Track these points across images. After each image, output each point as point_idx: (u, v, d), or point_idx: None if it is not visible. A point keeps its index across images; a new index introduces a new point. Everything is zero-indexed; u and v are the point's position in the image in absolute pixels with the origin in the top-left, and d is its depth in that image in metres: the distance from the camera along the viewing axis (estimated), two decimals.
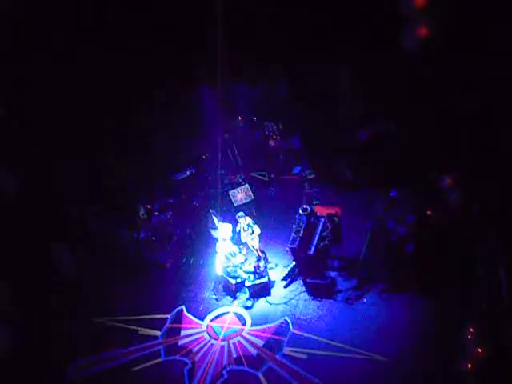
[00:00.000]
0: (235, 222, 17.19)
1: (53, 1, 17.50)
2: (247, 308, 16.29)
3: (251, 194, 19.46)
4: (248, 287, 16.55)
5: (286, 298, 16.20)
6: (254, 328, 15.62)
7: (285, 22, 18.28)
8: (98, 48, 18.18)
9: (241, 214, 17.20)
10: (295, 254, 16.06)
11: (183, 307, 16.69)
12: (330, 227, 16.48)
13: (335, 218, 16.70)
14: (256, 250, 17.04)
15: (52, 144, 18.19)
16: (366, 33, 17.18)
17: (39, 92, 17.88)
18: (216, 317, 16.30)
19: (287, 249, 16.39)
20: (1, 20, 16.51)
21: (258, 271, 16.63)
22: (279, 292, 16.48)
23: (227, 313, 16.34)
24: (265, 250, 17.33)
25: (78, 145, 18.67)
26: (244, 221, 16.98)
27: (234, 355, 15.01)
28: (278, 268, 17.21)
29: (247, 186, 19.56)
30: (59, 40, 17.83)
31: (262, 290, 16.48)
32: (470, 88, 15.49)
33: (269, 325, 15.55)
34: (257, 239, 17.00)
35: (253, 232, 16.90)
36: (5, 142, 17.02)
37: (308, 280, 16.16)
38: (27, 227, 17.06)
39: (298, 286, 16.45)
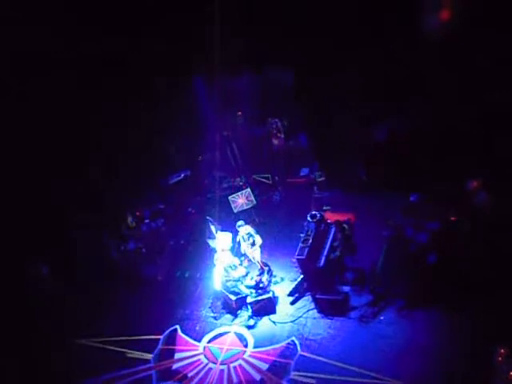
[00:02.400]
0: (235, 231, 17.20)
1: None
2: (249, 327, 16.24)
3: (253, 199, 19.43)
4: (250, 304, 16.50)
5: (292, 316, 16.13)
6: (257, 350, 15.55)
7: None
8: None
9: (240, 222, 17.21)
10: (303, 266, 16.04)
11: (177, 327, 16.66)
12: (341, 236, 16.44)
13: (348, 226, 16.65)
14: (258, 263, 17.00)
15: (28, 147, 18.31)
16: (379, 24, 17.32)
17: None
18: (214, 337, 16.25)
19: (294, 260, 16.40)
20: None
21: (261, 286, 16.58)
22: (285, 309, 16.43)
23: (227, 333, 16.30)
24: (268, 263, 17.27)
25: (57, 143, 18.78)
26: (244, 230, 16.98)
27: (235, 381, 14.93)
28: (284, 282, 17.17)
29: (248, 190, 19.54)
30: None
31: (265, 307, 16.42)
32: (501, 83, 15.54)
33: (274, 346, 15.47)
34: (258, 250, 17.01)
35: (254, 242, 16.90)
36: None
37: (318, 296, 16.12)
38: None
39: (306, 302, 16.40)
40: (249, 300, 16.52)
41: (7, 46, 17.59)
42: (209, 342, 16.14)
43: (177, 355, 15.88)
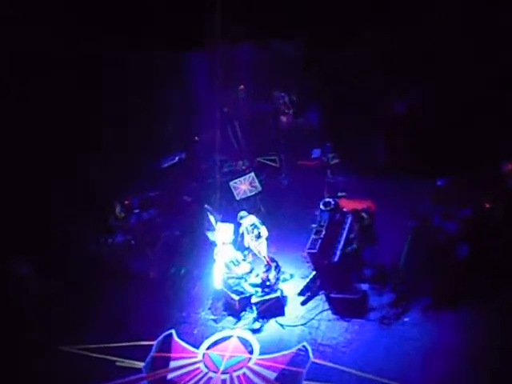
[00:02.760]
0: (238, 222, 17.25)
1: None
2: (255, 331, 16.30)
3: (257, 184, 19.54)
4: (255, 304, 16.57)
5: (304, 319, 16.19)
6: (263, 357, 15.59)
7: None
8: None
9: (243, 213, 17.26)
10: (315, 261, 16.10)
11: (172, 331, 16.75)
12: (359, 226, 16.48)
13: (366, 215, 16.64)
14: (264, 258, 17.08)
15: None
16: None
17: None
18: (215, 343, 16.32)
19: (305, 255, 16.40)
20: None
21: (267, 284, 16.67)
22: (295, 310, 16.49)
23: (229, 337, 16.37)
24: (276, 257, 17.36)
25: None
26: (248, 220, 17.02)
27: None
28: (294, 280, 17.27)
29: (253, 174, 19.66)
30: None
31: (273, 309, 16.49)
32: None
33: (283, 353, 15.49)
34: (264, 244, 17.04)
35: (259, 235, 16.93)
36: None
37: (332, 295, 16.16)
38: None
39: (319, 302, 16.46)
40: (254, 300, 16.58)
41: (7, 45, 18.25)
42: (208, 348, 16.18)
43: (172, 363, 15.94)
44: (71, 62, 19.64)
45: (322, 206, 16.66)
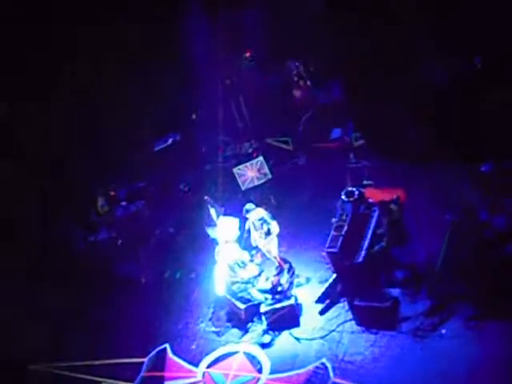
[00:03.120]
0: (244, 216, 17.18)
1: None
2: (264, 346, 16.29)
3: (267, 171, 19.54)
4: (265, 314, 16.55)
5: (323, 331, 16.14)
6: (274, 376, 15.54)
7: None
8: None
9: (250, 205, 17.17)
10: (336, 261, 16.07)
11: (167, 346, 16.80)
12: (388, 220, 16.41)
13: (396, 207, 16.61)
14: (275, 258, 17.01)
15: None
16: None
17: None
18: (217, 360, 16.33)
19: (324, 254, 16.43)
20: None
21: (279, 290, 16.65)
22: (312, 321, 16.45)
23: (234, 353, 16.37)
24: (289, 258, 17.34)
25: None
26: (256, 214, 16.93)
27: None
28: (310, 284, 17.24)
29: (261, 159, 19.60)
30: None
31: (286, 319, 16.46)
32: None
33: (298, 371, 15.45)
34: (275, 242, 16.97)
35: (269, 231, 16.83)
36: None
37: (356, 302, 16.09)
38: None
39: (340, 311, 16.41)
40: (263, 309, 16.55)
41: None
42: (209, 366, 16.20)
43: None
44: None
45: (343, 197, 16.61)
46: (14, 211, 19.34)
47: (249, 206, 17.20)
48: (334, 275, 16.59)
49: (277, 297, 16.59)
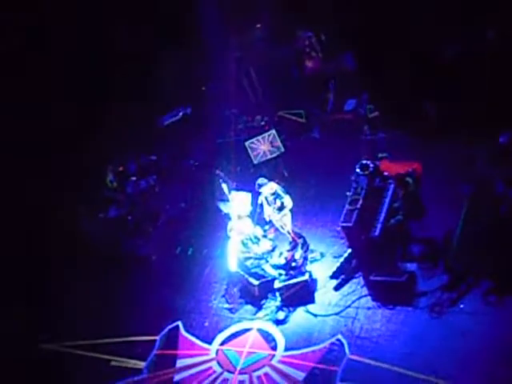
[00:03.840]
0: (257, 191, 17.08)
1: None
2: (278, 323, 16.27)
3: (280, 144, 19.46)
4: (279, 290, 16.51)
5: (338, 306, 16.12)
6: (289, 353, 15.56)
7: None
8: None
9: (263, 180, 17.04)
10: (351, 236, 16.00)
11: (179, 323, 16.83)
12: (404, 194, 16.29)
13: (413, 180, 16.44)
14: (288, 233, 16.97)
15: None
16: None
17: None
18: (231, 337, 16.36)
19: (338, 229, 16.41)
20: None
21: (293, 265, 16.67)
22: (327, 297, 16.44)
23: (248, 330, 16.39)
24: (303, 233, 17.30)
25: None
26: (268, 188, 16.83)
27: None
28: (325, 260, 17.17)
29: (273, 132, 19.54)
30: None
31: (300, 295, 16.44)
32: None
33: (313, 348, 15.45)
34: (288, 216, 16.92)
35: (282, 205, 16.77)
36: None
37: (372, 277, 16.05)
38: None
39: (356, 286, 16.38)
40: (277, 285, 16.52)
41: None
42: (223, 343, 16.22)
43: (179, 362, 15.99)
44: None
45: (358, 170, 16.49)
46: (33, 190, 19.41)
47: (261, 180, 17.08)
48: (349, 250, 16.55)
49: (291, 272, 16.60)
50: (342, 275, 16.66)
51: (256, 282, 16.73)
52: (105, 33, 20.65)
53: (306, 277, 16.47)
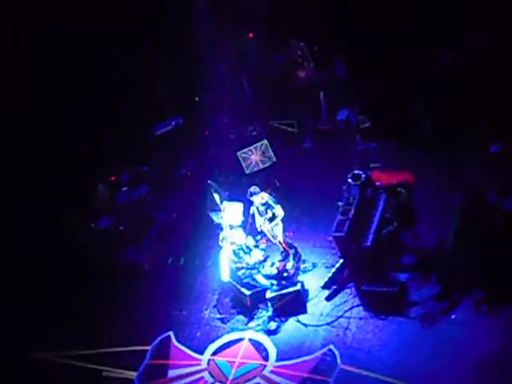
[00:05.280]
0: (248, 200, 17.09)
1: None
2: (270, 333, 16.34)
3: (271, 154, 19.58)
4: (270, 300, 16.58)
5: (329, 317, 16.19)
6: (281, 363, 15.61)
7: None
8: None
9: (255, 188, 17.08)
10: (343, 246, 16.05)
11: (171, 334, 16.85)
12: (396, 204, 16.44)
13: (404, 190, 16.61)
14: (280, 243, 17.04)
15: None
16: None
17: None
18: (222, 347, 16.39)
19: (330, 239, 16.41)
20: None
21: (285, 275, 16.70)
22: (319, 307, 16.49)
23: (239, 340, 16.44)
24: (294, 243, 17.35)
25: None
26: (260, 198, 16.88)
27: None
28: (317, 270, 17.26)
29: (265, 142, 19.63)
30: None
31: (292, 305, 16.49)
32: None
33: (304, 358, 15.52)
34: (280, 226, 16.96)
35: (274, 215, 16.82)
36: None
37: (364, 287, 16.13)
38: None
39: (348, 296, 16.45)
40: (269, 295, 16.57)
41: None
42: (214, 353, 16.26)
43: (171, 372, 16.03)
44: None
45: (350, 180, 16.55)
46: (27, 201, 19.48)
47: (254, 188, 17.05)
48: (341, 260, 16.60)
49: (283, 282, 16.63)
50: (334, 285, 16.71)
51: (248, 292, 16.75)
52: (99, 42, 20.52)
53: (298, 287, 16.52)
